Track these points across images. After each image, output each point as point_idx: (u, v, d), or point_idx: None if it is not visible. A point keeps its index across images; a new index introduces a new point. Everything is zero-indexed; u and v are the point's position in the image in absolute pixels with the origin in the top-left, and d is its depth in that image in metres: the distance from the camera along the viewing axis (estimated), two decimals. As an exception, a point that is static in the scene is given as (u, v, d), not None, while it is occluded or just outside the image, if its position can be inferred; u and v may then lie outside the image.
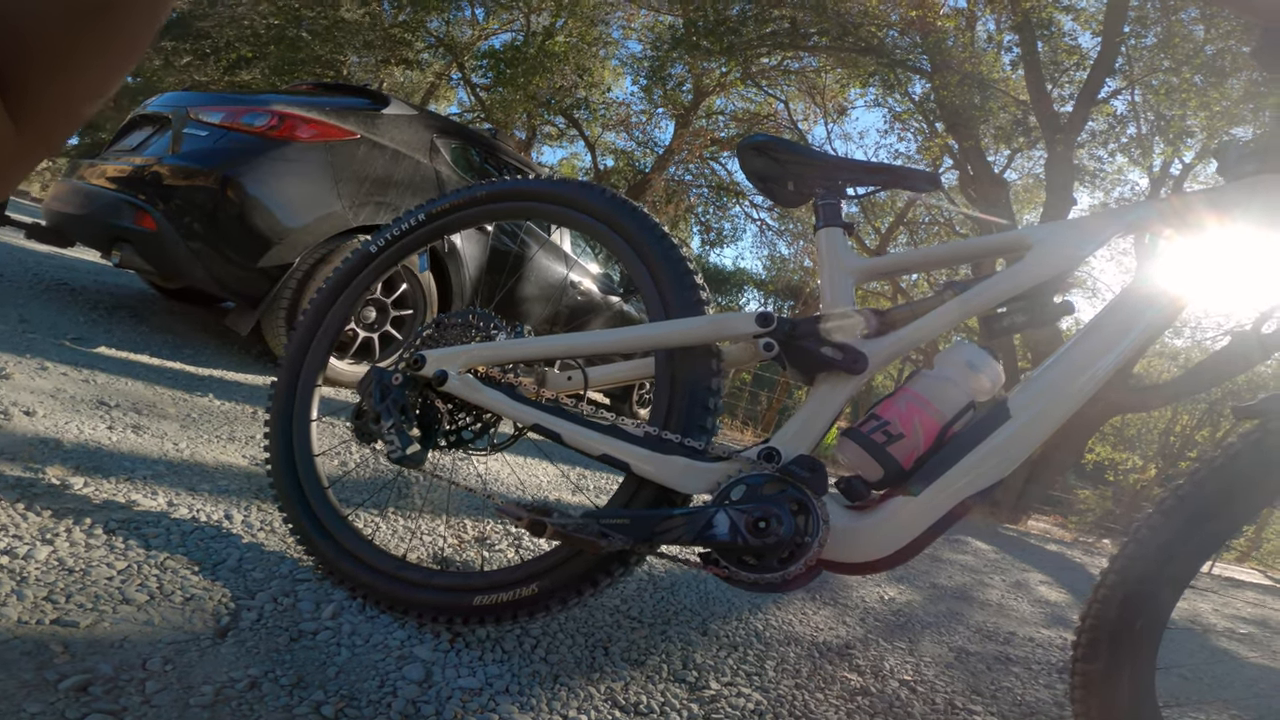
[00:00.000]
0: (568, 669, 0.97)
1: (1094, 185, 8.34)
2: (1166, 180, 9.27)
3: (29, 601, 0.78)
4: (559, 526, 0.82)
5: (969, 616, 2.04)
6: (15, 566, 0.83)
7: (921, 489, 0.79)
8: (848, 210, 1.02)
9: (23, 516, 0.95)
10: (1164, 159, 7.89)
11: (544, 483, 2.14)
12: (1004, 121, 8.06)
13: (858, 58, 8.84)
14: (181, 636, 0.79)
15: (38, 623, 0.74)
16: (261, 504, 1.25)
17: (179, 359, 2.25)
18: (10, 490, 1.02)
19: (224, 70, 12.87)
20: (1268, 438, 0.79)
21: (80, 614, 0.78)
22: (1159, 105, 7.22)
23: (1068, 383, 0.82)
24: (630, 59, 13.61)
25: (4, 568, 0.82)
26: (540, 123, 14.32)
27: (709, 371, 0.95)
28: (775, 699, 1.08)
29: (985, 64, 8.30)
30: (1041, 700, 1.42)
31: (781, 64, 11.47)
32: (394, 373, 1.06)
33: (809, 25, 8.42)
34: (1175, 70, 6.63)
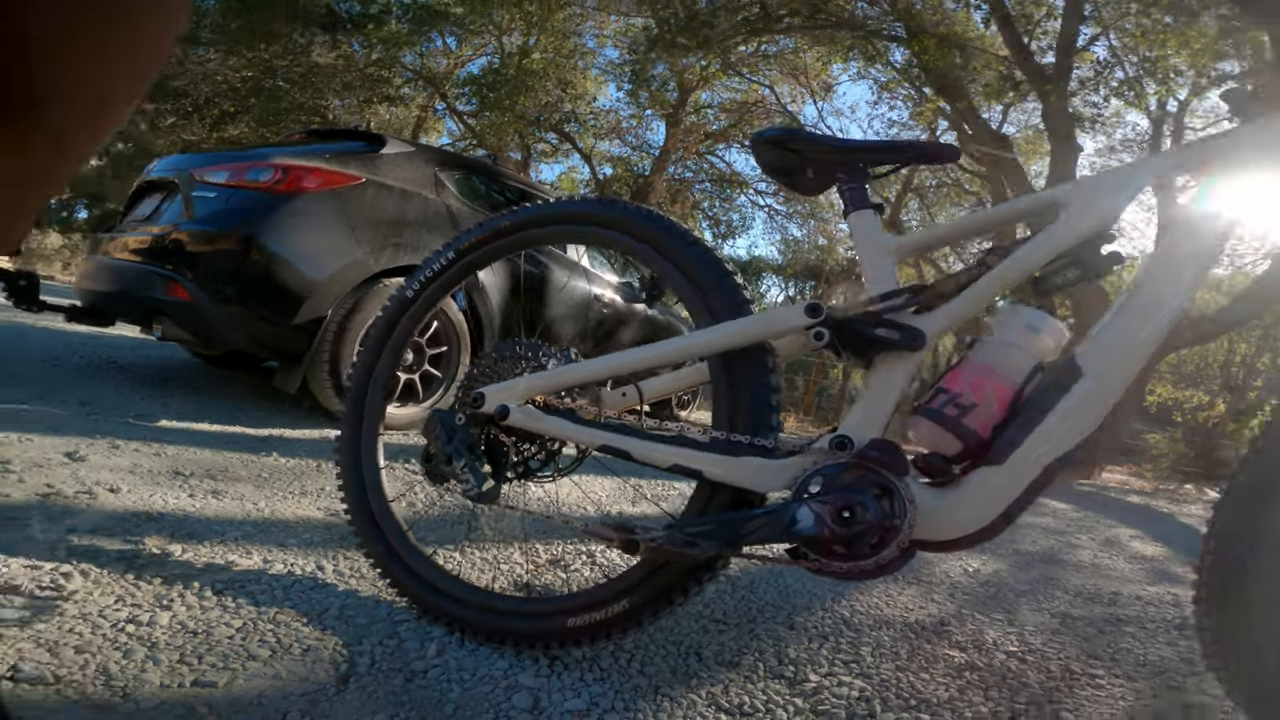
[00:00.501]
0: (666, 679, 0.98)
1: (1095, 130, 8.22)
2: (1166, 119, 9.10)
3: (165, 666, 0.82)
4: (650, 542, 0.83)
5: (1064, 580, 1.99)
6: (143, 634, 0.88)
7: (1006, 457, 0.79)
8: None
9: (135, 586, 1.01)
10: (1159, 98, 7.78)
11: (603, 497, 2.16)
12: (991, 78, 7.97)
13: (833, 33, 8.82)
14: (310, 687, 0.82)
15: (179, 686, 0.78)
16: (346, 553, 1.29)
17: (238, 423, 2.32)
18: (117, 563, 1.07)
19: (210, 127, 13.10)
20: None
21: (214, 673, 0.82)
22: (1138, 47, 7.12)
23: (1135, 332, 0.81)
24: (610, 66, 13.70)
25: (134, 635, 0.87)
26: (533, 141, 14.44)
27: (766, 369, 0.95)
28: (879, 684, 1.08)
29: (959, 24, 8.22)
30: (1167, 658, 1.38)
31: (759, 49, 11.45)
32: (456, 413, 1.09)
33: (779, 7, 8.42)
34: (1145, 12, 6.54)
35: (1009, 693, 1.10)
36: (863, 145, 1.01)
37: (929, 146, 1.02)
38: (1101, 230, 0.86)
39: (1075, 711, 1.07)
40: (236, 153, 2.64)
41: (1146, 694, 1.18)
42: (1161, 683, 1.24)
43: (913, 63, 8.47)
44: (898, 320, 0.89)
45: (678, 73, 12.31)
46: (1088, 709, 1.09)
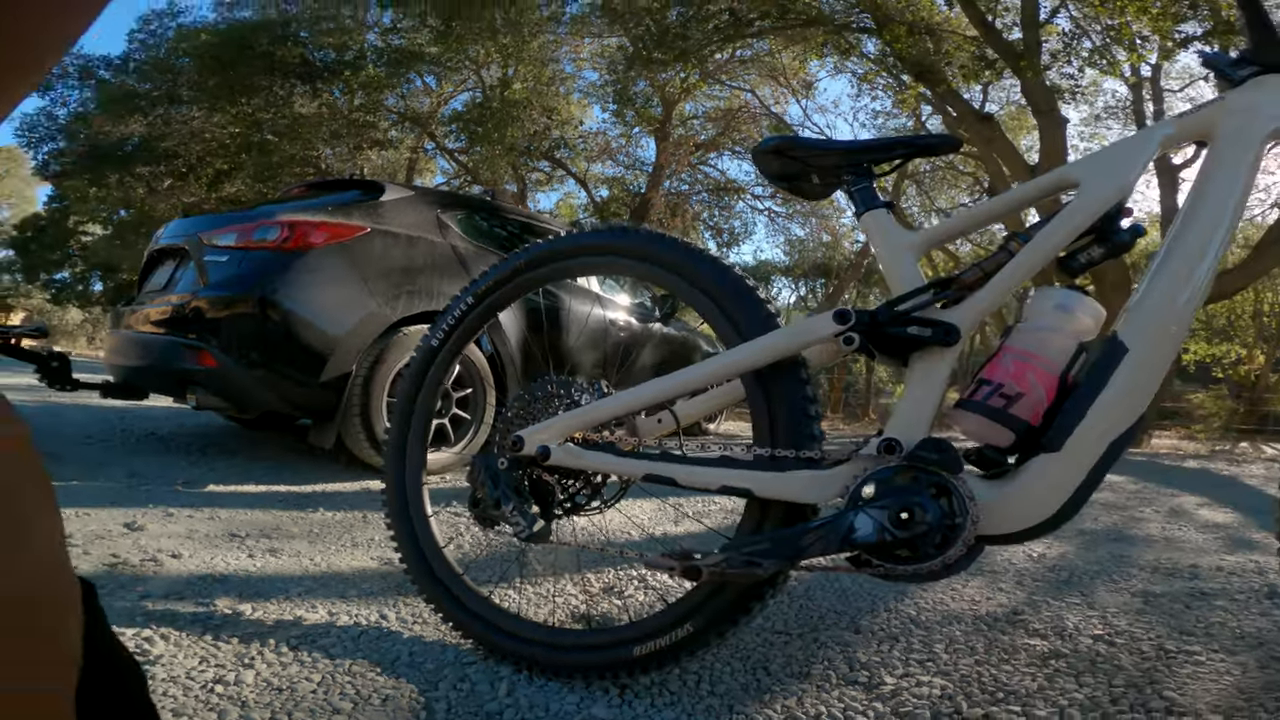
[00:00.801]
0: (737, 697, 0.98)
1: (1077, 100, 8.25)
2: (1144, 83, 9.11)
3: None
4: (712, 568, 0.84)
5: (1137, 557, 1.94)
6: (232, 693, 0.91)
7: (1062, 442, 0.78)
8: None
9: (215, 647, 1.04)
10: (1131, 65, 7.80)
11: (646, 520, 2.17)
12: (965, 60, 8.01)
13: (804, 31, 8.91)
14: (396, 741, 0.83)
15: None
16: (406, 599, 1.31)
17: (281, 481, 2.36)
18: (194, 626, 1.11)
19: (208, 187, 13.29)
20: None
21: (304, 731, 0.84)
22: (1099, 16, 7.15)
23: (1173, 300, 0.81)
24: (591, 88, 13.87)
25: (224, 695, 0.90)
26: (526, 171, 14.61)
27: (800, 381, 0.95)
28: (960, 680, 1.06)
29: (924, 9, 8.28)
30: (1264, 629, 1.32)
31: (735, 56, 11.56)
32: (498, 458, 1.10)
33: (748, 11, 8.52)
34: None
35: (1104, 677, 1.07)
36: (863, 145, 1.02)
37: (928, 139, 1.03)
38: (1119, 203, 0.86)
39: (1179, 690, 1.03)
40: (241, 213, 2.68)
41: (1252, 667, 1.14)
42: (1265, 654, 1.19)
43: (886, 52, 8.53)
44: (928, 317, 0.89)
45: (659, 88, 12.44)
46: (1191, 687, 1.05)
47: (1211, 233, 0.82)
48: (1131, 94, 9.68)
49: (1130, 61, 7.67)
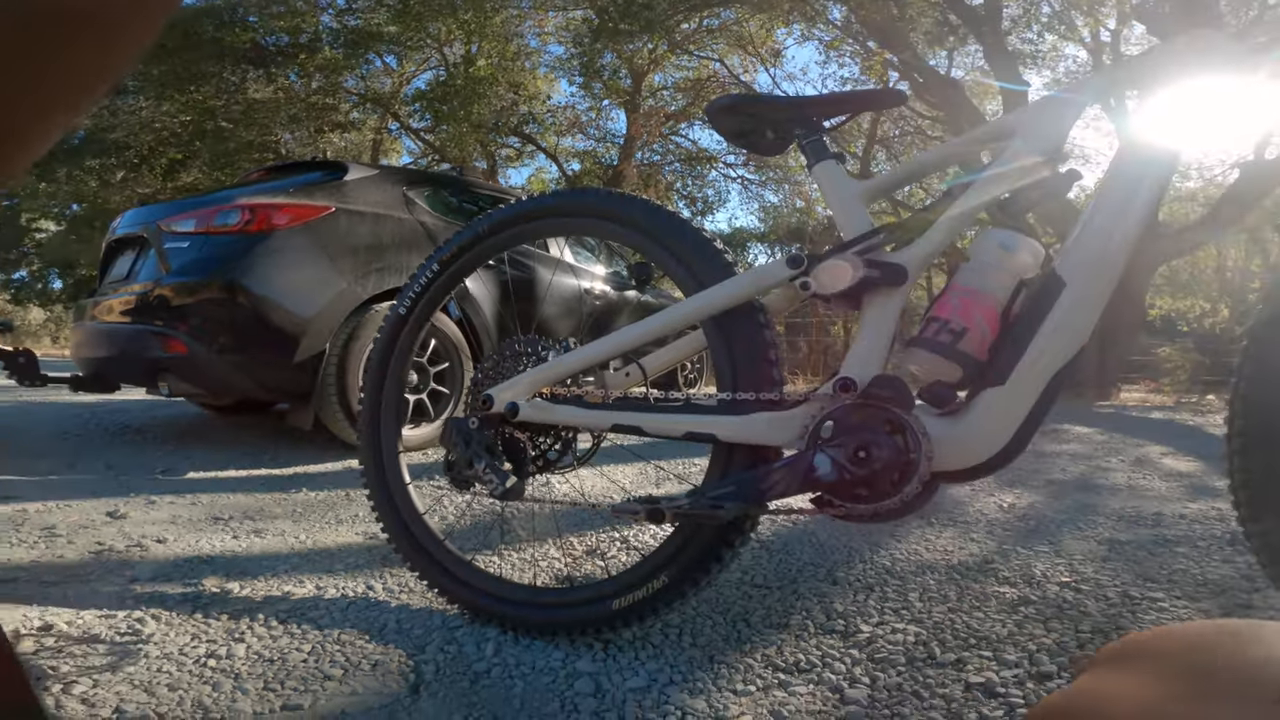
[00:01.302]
0: (718, 647, 1.01)
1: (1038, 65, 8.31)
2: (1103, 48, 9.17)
3: (253, 694, 0.86)
4: (675, 509, 0.86)
5: (1103, 505, 1.97)
6: (225, 666, 0.93)
7: (1007, 376, 0.81)
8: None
9: (206, 624, 1.06)
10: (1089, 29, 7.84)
11: (627, 483, 2.20)
12: (928, 25, 7.99)
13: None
14: (386, 700, 0.86)
15: (270, 711, 0.82)
16: (391, 570, 1.33)
17: (261, 465, 2.36)
18: (183, 605, 1.13)
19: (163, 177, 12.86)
20: None
21: (299, 696, 0.86)
22: None
23: (1108, 235, 0.83)
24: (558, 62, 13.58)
25: (217, 669, 0.92)
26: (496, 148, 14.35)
27: (759, 325, 0.97)
28: (933, 626, 1.09)
29: None
30: (1227, 576, 1.35)
31: (702, 25, 11.39)
32: (470, 418, 1.11)
33: (713, -21, 8.41)
34: None
35: (1070, 623, 1.10)
36: (811, 100, 1.04)
37: (874, 93, 1.05)
38: (1054, 150, 0.88)
39: None
40: (199, 199, 2.63)
41: (1215, 614, 1.16)
42: (1227, 601, 1.21)
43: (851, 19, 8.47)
44: (877, 259, 0.91)
45: (626, 59, 12.23)
46: None
47: (1143, 171, 0.85)
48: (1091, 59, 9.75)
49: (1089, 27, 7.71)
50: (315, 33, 12.16)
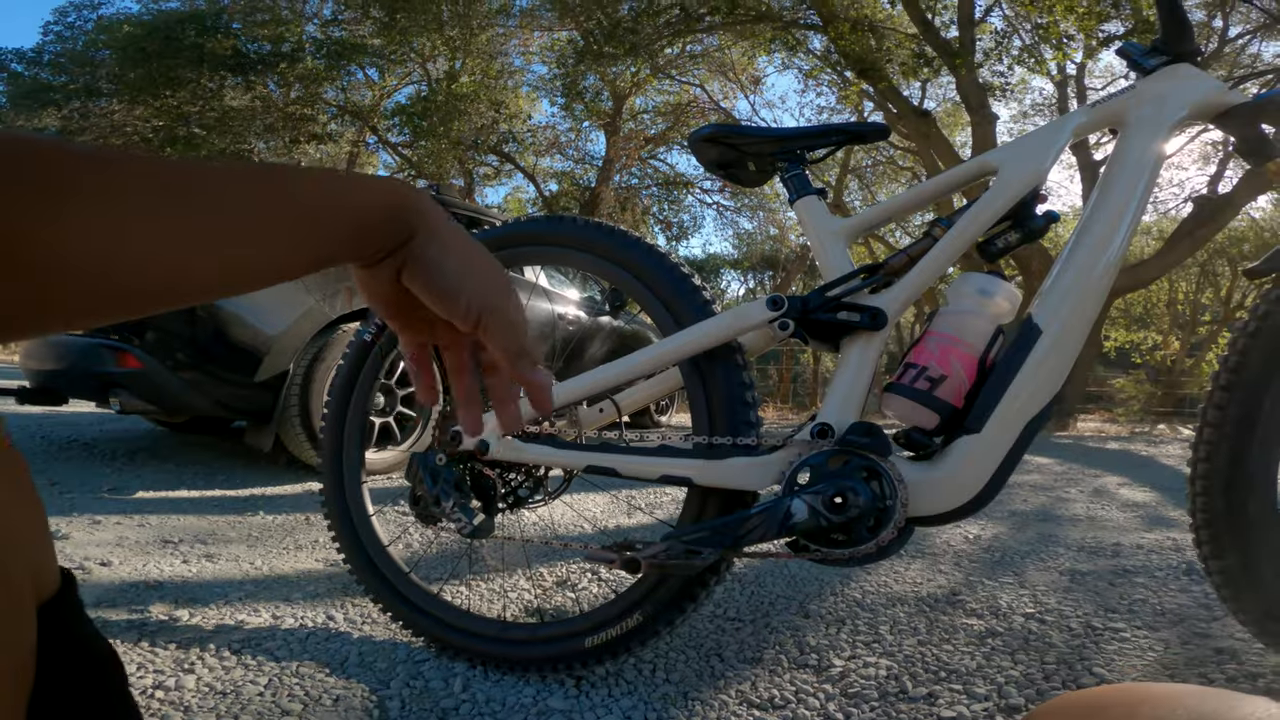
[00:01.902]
0: (692, 684, 1.00)
1: (1006, 98, 8.65)
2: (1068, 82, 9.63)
3: None
4: (651, 559, 0.85)
5: (1063, 536, 2.01)
6: (173, 698, 0.88)
7: (983, 423, 0.82)
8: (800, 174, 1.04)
9: (153, 653, 1.00)
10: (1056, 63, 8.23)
11: (598, 513, 2.17)
12: (904, 57, 8.28)
13: (753, 27, 9.02)
14: (344, 746, 0.82)
15: None
16: (353, 600, 1.28)
17: (215, 486, 2.27)
18: (129, 632, 1.07)
19: (129, 183, 12.62)
20: None
21: (250, 737, 0.81)
22: (1029, 15, 7.52)
23: (1083, 283, 0.85)
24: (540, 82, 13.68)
25: (165, 700, 0.87)
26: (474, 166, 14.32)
27: (737, 367, 0.96)
28: (904, 660, 1.09)
29: (868, 6, 8.52)
30: (1185, 605, 1.38)
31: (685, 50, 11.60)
32: (437, 454, 1.08)
33: (698, 6, 8.59)
34: None
35: (1036, 654, 1.11)
36: (796, 133, 1.04)
37: (859, 127, 1.06)
38: (1034, 189, 0.90)
39: (1107, 666, 1.08)
40: None
41: (1174, 642, 1.18)
42: (1186, 630, 1.24)
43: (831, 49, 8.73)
44: (857, 302, 0.91)
45: (609, 82, 12.38)
46: (1118, 663, 1.10)
47: (1119, 218, 0.86)
48: (1057, 91, 10.20)
49: (1056, 60, 8.07)
50: (298, 42, 12.05)
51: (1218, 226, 7.29)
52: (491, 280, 0.39)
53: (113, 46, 11.66)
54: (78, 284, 0.24)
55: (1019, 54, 8.04)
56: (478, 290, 0.38)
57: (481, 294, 0.38)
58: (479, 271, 0.39)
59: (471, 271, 0.38)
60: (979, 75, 7.64)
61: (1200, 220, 6.97)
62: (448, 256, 0.37)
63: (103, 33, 12.12)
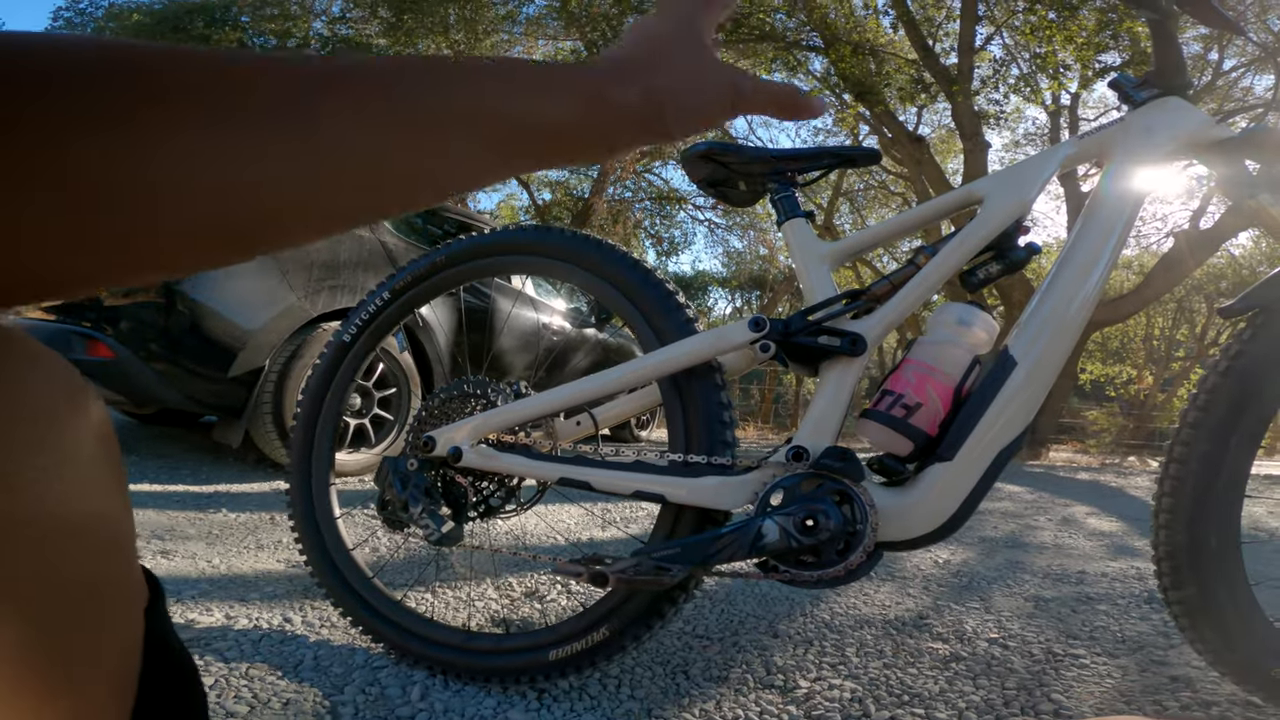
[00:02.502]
0: (657, 700, 0.99)
1: (1000, 126, 8.80)
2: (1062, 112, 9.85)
3: None
4: (620, 574, 0.84)
5: (1030, 563, 2.03)
6: None
7: (955, 451, 0.82)
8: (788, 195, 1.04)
9: None
10: (1051, 93, 8.41)
11: (571, 524, 2.15)
12: (903, 82, 8.42)
13: (755, 46, 9.13)
14: (290, 753, 0.79)
15: None
16: (313, 603, 1.26)
17: (179, 481, 2.22)
18: None
19: (131, 175, 12.53)
20: (1260, 332, 0.86)
21: (188, 743, 0.78)
22: (1029, 45, 7.69)
23: (1061, 315, 0.86)
24: (541, 90, 13.73)
25: None
26: (468, 170, 14.31)
27: (715, 386, 0.96)
28: (869, 683, 1.09)
29: (870, 31, 8.67)
30: (1144, 633, 1.39)
31: (685, 65, 11.72)
32: (408, 458, 1.07)
33: (702, 25, 8.68)
34: (1031, 9, 7.07)
35: (997, 680, 1.12)
36: (788, 154, 1.04)
37: (851, 151, 1.06)
38: (1018, 220, 0.90)
39: (1065, 693, 1.08)
40: None
41: (1133, 670, 1.19)
42: (1144, 657, 1.25)
43: (831, 71, 8.86)
44: (838, 327, 0.91)
45: (608, 94, 12.46)
46: (1077, 690, 1.10)
47: (1099, 252, 0.87)
48: (1050, 121, 10.39)
49: (1051, 90, 8.23)
50: (304, 38, 12.04)
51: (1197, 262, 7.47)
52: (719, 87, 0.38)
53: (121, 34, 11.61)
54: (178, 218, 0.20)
55: (1015, 82, 8.19)
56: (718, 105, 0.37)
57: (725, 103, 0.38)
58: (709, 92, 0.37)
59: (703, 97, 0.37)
60: (974, 103, 7.77)
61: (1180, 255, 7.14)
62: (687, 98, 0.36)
63: (112, 20, 12.06)
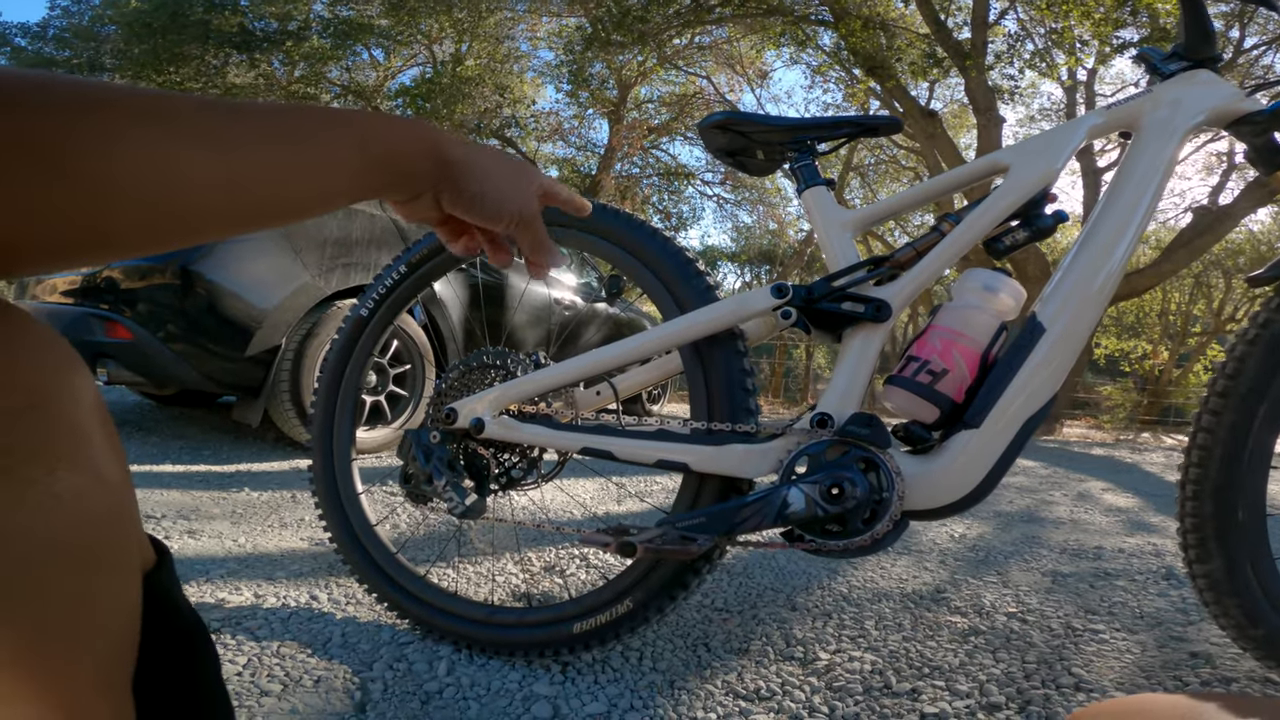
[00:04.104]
0: (679, 673, 0.99)
1: (1014, 101, 8.62)
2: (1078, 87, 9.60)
3: None
4: (647, 544, 0.84)
5: (1047, 538, 2.02)
6: None
7: (982, 419, 0.81)
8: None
9: None
10: (1068, 68, 8.20)
11: (588, 498, 2.16)
12: (915, 56, 8.24)
13: (764, 20, 8.95)
14: (329, 719, 0.81)
15: None
16: (338, 580, 1.27)
17: (201, 461, 2.25)
18: None
19: (128, 159, 12.53)
20: None
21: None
22: (1044, 19, 7.48)
23: (1089, 283, 0.84)
24: (546, 67, 13.56)
25: None
26: (475, 149, 14.20)
27: (738, 353, 0.95)
28: (889, 655, 1.09)
29: (881, 4, 8.47)
30: (1162, 609, 1.38)
31: (694, 41, 11.52)
32: (430, 431, 1.07)
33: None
34: None
35: (1017, 653, 1.12)
36: (808, 123, 1.02)
37: (872, 119, 1.04)
38: (1045, 188, 0.89)
39: (1086, 667, 1.08)
40: None
41: (1151, 645, 1.19)
42: (1163, 633, 1.25)
43: (841, 46, 8.68)
44: (862, 293, 0.91)
45: (615, 70, 12.28)
46: (1097, 664, 1.10)
47: (1128, 221, 0.86)
48: (1065, 97, 10.18)
49: (1068, 65, 8.04)
50: (305, 20, 11.91)
51: (1216, 237, 7.32)
52: (522, 194, 0.46)
53: (118, 21, 11.56)
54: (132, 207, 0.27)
55: (1031, 58, 8.00)
56: (511, 209, 0.45)
57: (515, 211, 0.45)
58: (511, 190, 0.45)
59: (504, 193, 0.45)
60: (989, 78, 7.60)
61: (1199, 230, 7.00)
62: (485, 184, 0.43)
63: (109, 7, 12.00)
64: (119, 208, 0.27)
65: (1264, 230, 12.85)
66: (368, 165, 0.37)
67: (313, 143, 0.33)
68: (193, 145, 0.29)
